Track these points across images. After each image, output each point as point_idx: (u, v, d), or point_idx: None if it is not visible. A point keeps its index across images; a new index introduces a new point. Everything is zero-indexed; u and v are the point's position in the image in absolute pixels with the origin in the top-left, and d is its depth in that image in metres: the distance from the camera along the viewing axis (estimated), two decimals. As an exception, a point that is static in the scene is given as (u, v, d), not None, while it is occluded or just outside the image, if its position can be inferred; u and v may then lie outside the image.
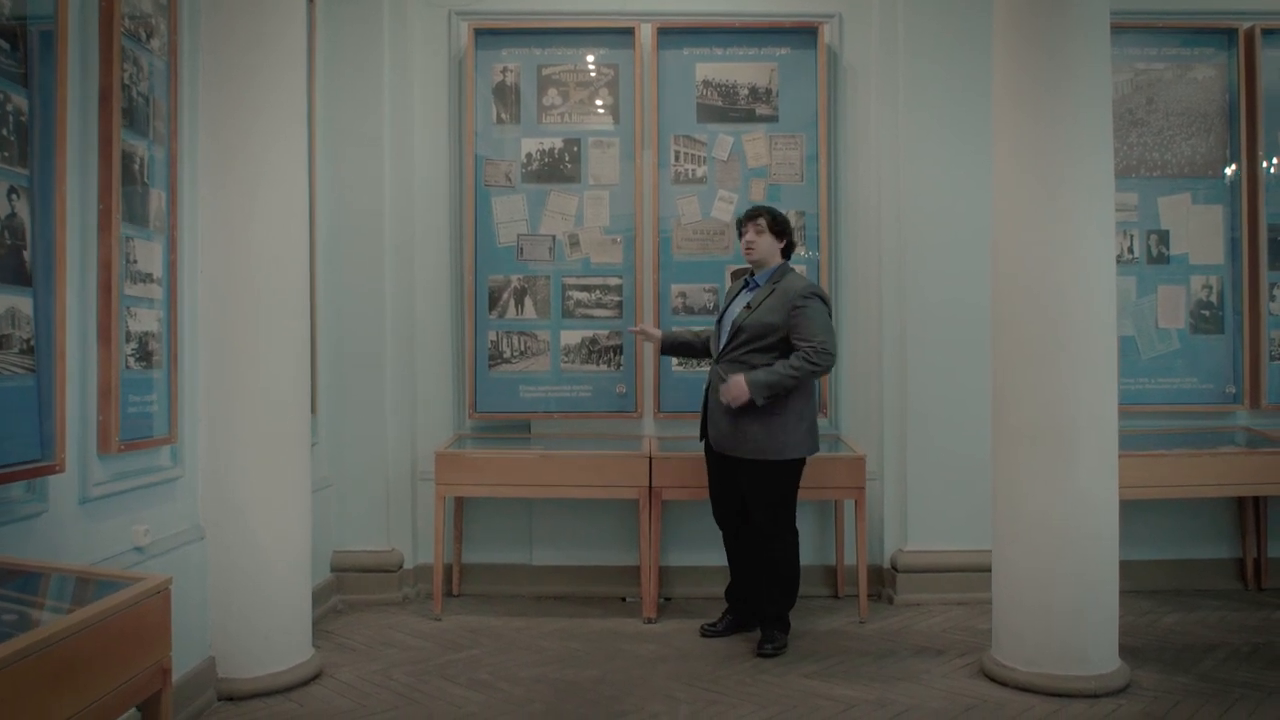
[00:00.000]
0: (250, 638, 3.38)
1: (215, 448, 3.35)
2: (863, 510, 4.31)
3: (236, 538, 3.36)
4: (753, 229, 3.87)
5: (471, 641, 4.00)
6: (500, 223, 4.77)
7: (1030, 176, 3.46)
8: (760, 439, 3.72)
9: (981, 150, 4.51)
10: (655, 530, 4.28)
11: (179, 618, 3.13)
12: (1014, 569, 3.53)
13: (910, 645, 3.96)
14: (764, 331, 3.76)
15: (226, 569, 3.36)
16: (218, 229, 3.33)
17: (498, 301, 4.77)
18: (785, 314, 3.74)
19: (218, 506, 3.35)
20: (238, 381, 3.35)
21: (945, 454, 4.60)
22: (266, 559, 3.41)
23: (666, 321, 4.77)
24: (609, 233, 4.77)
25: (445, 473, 4.29)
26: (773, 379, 3.66)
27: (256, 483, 3.38)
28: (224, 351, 3.35)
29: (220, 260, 3.34)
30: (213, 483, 3.35)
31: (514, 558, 4.76)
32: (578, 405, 4.76)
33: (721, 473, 3.95)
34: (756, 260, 3.90)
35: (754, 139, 4.78)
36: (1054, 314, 3.42)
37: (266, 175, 3.37)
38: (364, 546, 4.63)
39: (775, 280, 3.84)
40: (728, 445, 3.80)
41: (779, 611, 3.88)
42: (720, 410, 3.79)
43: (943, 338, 4.60)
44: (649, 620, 4.27)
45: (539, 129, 4.78)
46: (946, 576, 4.57)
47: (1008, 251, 3.55)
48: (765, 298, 3.81)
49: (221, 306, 3.35)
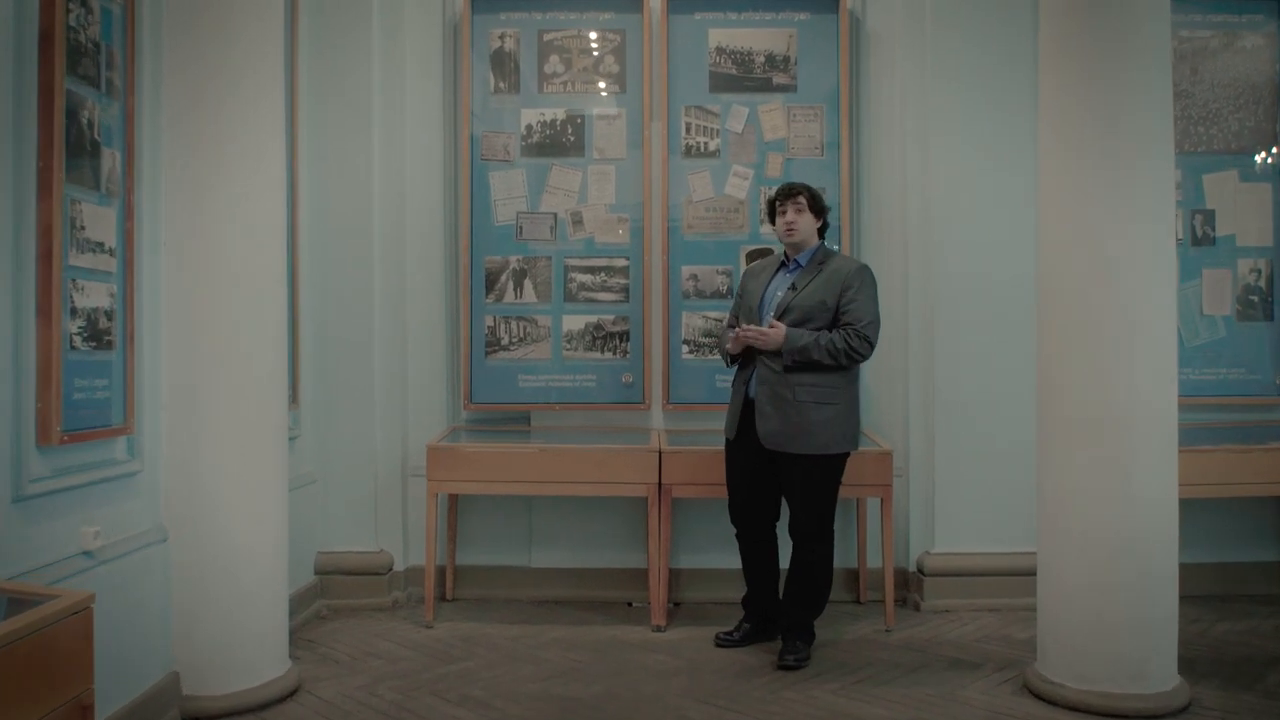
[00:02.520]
0: (219, 650, 3.05)
1: (180, 439, 3.02)
2: (889, 509, 3.98)
3: (204, 539, 3.03)
4: (793, 208, 3.59)
5: (465, 652, 3.67)
6: (498, 200, 4.44)
7: (1082, 148, 3.13)
8: (820, 432, 3.44)
9: (1015, 122, 4.27)
10: (665, 531, 3.95)
11: (138, 628, 2.85)
12: (1062, 575, 3.20)
13: (943, 657, 3.63)
14: (815, 311, 3.49)
15: (192, 574, 3.03)
16: (184, 196, 3.00)
17: (495, 284, 4.43)
18: (838, 293, 3.49)
19: (183, 504, 3.02)
20: (206, 367, 3.03)
21: (976, 448, 4.28)
22: (238, 562, 3.09)
23: (675, 306, 4.43)
24: (615, 211, 4.44)
25: (438, 468, 3.96)
26: (809, 344, 3.41)
27: (227, 478, 3.05)
28: (190, 333, 3.02)
29: (186, 231, 3.01)
30: (177, 478, 3.02)
31: (512, 559, 4.44)
32: (581, 396, 4.43)
33: (759, 473, 3.63)
34: (798, 242, 3.62)
35: (771, 110, 4.45)
36: (1110, 296, 3.09)
37: (241, 138, 3.04)
38: (350, 547, 4.30)
39: (820, 261, 3.60)
40: (783, 440, 3.47)
41: (805, 619, 3.58)
42: (773, 403, 3.47)
43: (974, 322, 4.28)
44: (658, 628, 3.94)
45: (540, 99, 4.45)
46: (977, 581, 4.24)
47: (1056, 229, 3.23)
48: (812, 278, 3.54)
49: (188, 283, 3.02)
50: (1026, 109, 4.25)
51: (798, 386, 3.43)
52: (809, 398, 3.44)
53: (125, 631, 2.76)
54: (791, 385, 3.44)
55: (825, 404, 3.45)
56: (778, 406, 3.46)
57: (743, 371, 3.64)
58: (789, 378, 3.44)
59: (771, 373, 3.47)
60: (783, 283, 3.63)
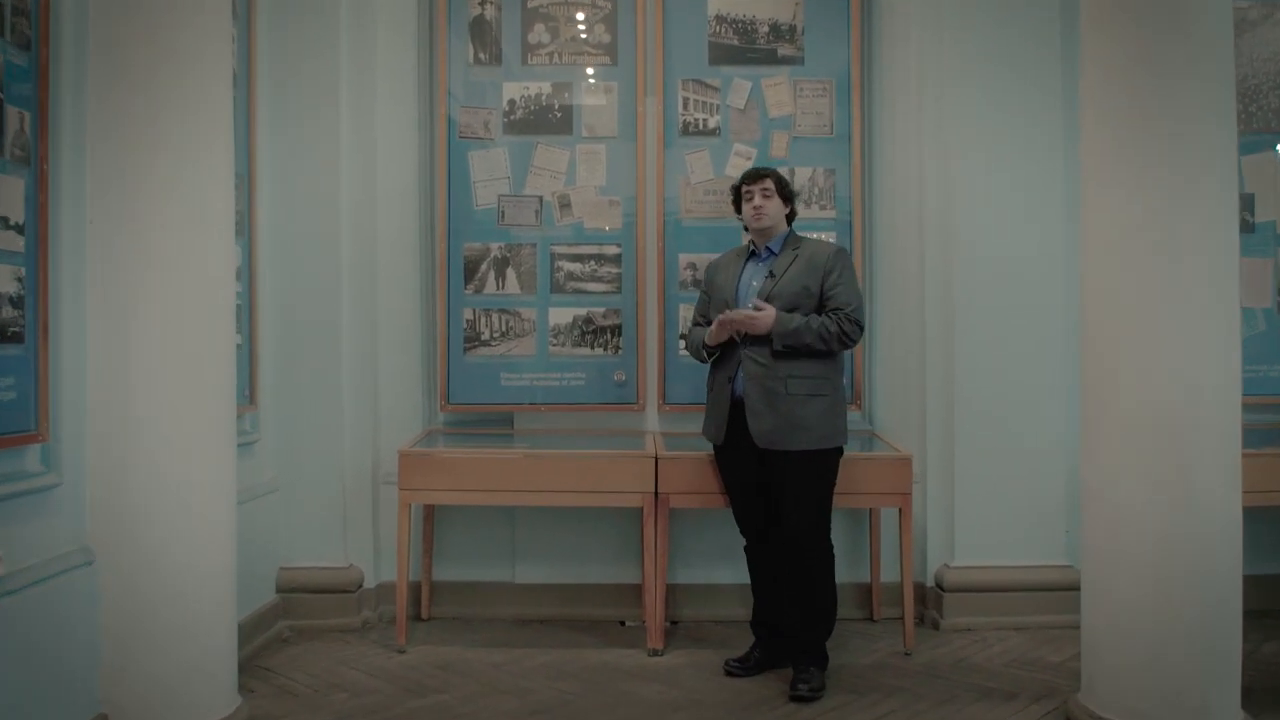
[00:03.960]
0: (155, 687, 2.67)
1: (109, 448, 2.63)
2: (909, 520, 3.62)
3: (138, 560, 2.65)
4: (760, 192, 3.36)
5: (441, 682, 3.30)
6: (478, 181, 4.06)
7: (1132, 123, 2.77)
8: (816, 426, 3.20)
9: (1042, 95, 3.92)
10: (663, 544, 3.58)
11: (58, 665, 2.45)
12: (1111, 595, 2.85)
13: (972, 685, 3.28)
14: (799, 298, 3.25)
15: (124, 600, 2.65)
16: (114, 166, 2.61)
17: (475, 274, 4.06)
18: (820, 277, 3.27)
19: (113, 522, 2.64)
20: (140, 363, 2.64)
21: (1000, 451, 3.92)
22: (179, 586, 2.70)
23: (672, 298, 4.07)
24: (605, 193, 4.07)
25: (411, 475, 3.58)
26: (800, 326, 3.19)
27: (165, 491, 2.67)
28: (121, 325, 2.64)
29: (117, 209, 2.63)
30: (105, 491, 2.64)
31: (494, 575, 4.06)
32: (569, 396, 4.05)
33: (749, 476, 3.33)
34: (767, 227, 3.38)
35: (776, 84, 4.08)
36: (1168, 284, 2.73)
37: (183, 102, 2.66)
38: (316, 563, 3.91)
39: (794, 246, 3.37)
40: (777, 439, 3.20)
41: (815, 641, 3.24)
42: (765, 399, 3.21)
43: (997, 315, 3.92)
44: (655, 652, 3.57)
45: (523, 71, 4.07)
46: (1001, 597, 3.89)
47: (1102, 211, 2.87)
48: (790, 264, 3.31)
49: (118, 267, 2.63)
50: (1053, 83, 3.94)
51: (789, 379, 3.19)
52: (801, 390, 3.20)
53: (42, 670, 2.39)
54: (782, 378, 3.19)
55: (817, 395, 3.22)
56: (770, 402, 3.20)
57: (722, 369, 3.34)
58: (778, 369, 3.19)
59: (758, 366, 3.21)
60: (757, 272, 3.38)
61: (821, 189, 4.06)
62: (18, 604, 2.28)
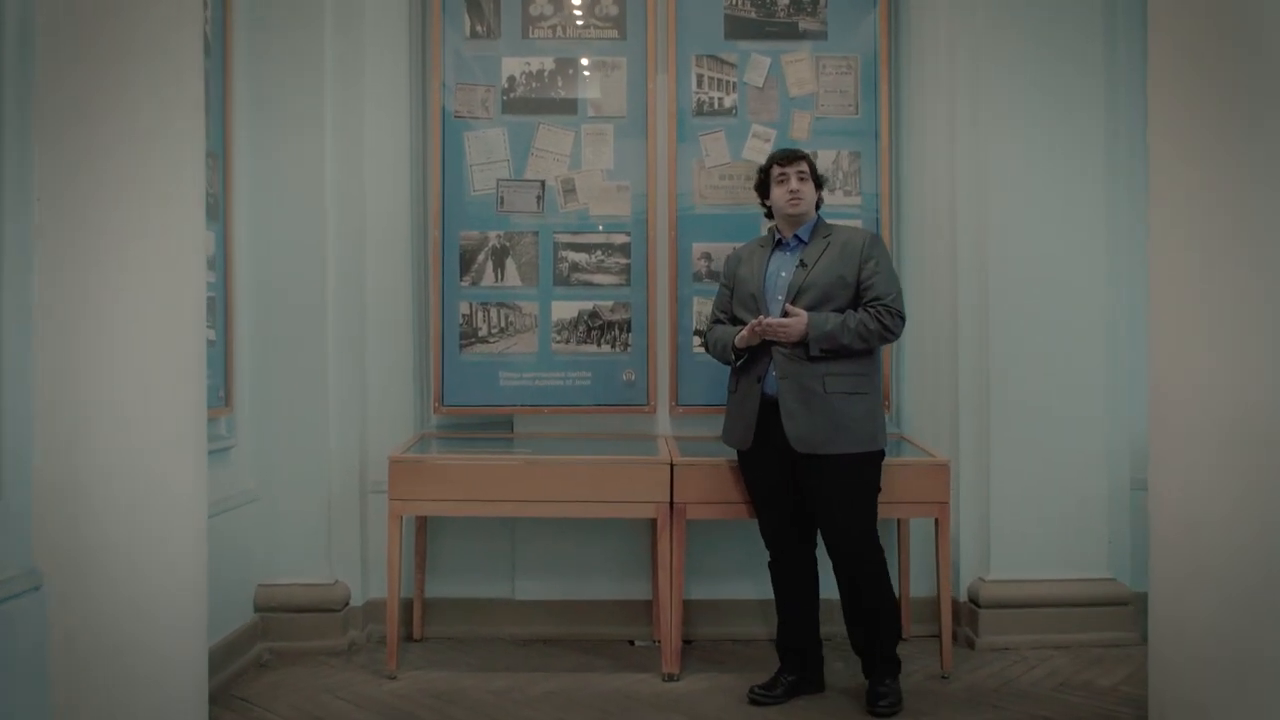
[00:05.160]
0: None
1: (57, 459, 2.30)
2: (945, 531, 3.33)
3: (92, 584, 2.32)
4: (796, 174, 3.09)
5: (436, 713, 2.99)
6: (475, 164, 3.75)
7: (1210, 92, 2.49)
8: (857, 428, 2.97)
9: (1086, 67, 3.63)
10: (678, 558, 3.28)
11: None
12: (1187, 620, 2.54)
13: (1023, 714, 2.98)
14: (834, 289, 3.00)
15: (77, 629, 2.32)
16: (55, 130, 2.29)
17: (471, 265, 3.74)
18: (857, 266, 3.02)
19: (63, 542, 2.30)
20: (94, 364, 2.32)
21: (1038, 456, 3.63)
22: (138, 612, 2.38)
23: (685, 291, 3.77)
24: (613, 178, 3.76)
25: (402, 484, 3.27)
26: (835, 329, 2.95)
27: (123, 506, 2.34)
28: (72, 320, 2.31)
29: (60, 178, 2.30)
30: (54, 509, 2.30)
31: (492, 591, 3.75)
32: (573, 397, 3.75)
33: (780, 484, 3.06)
34: (801, 213, 3.11)
35: (797, 61, 3.78)
36: (1252, 270, 2.43)
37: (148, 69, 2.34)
38: (299, 579, 3.59)
39: (824, 234, 3.11)
40: (816, 442, 2.94)
41: (888, 650, 3.06)
42: (801, 400, 2.94)
43: (1037, 311, 3.63)
44: (670, 677, 3.27)
45: (525, 45, 3.76)
46: (1041, 613, 3.60)
47: (1172, 188, 2.58)
48: (822, 252, 3.05)
49: (63, 248, 2.31)
50: (1096, 62, 3.65)
51: (827, 377, 2.94)
52: (841, 388, 2.95)
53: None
54: (820, 376, 2.93)
55: (858, 394, 2.99)
56: (806, 403, 2.93)
57: (751, 367, 3.05)
58: (816, 367, 2.94)
59: (793, 364, 2.95)
60: (786, 262, 3.11)
61: (846, 174, 3.77)
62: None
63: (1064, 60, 3.65)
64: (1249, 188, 2.44)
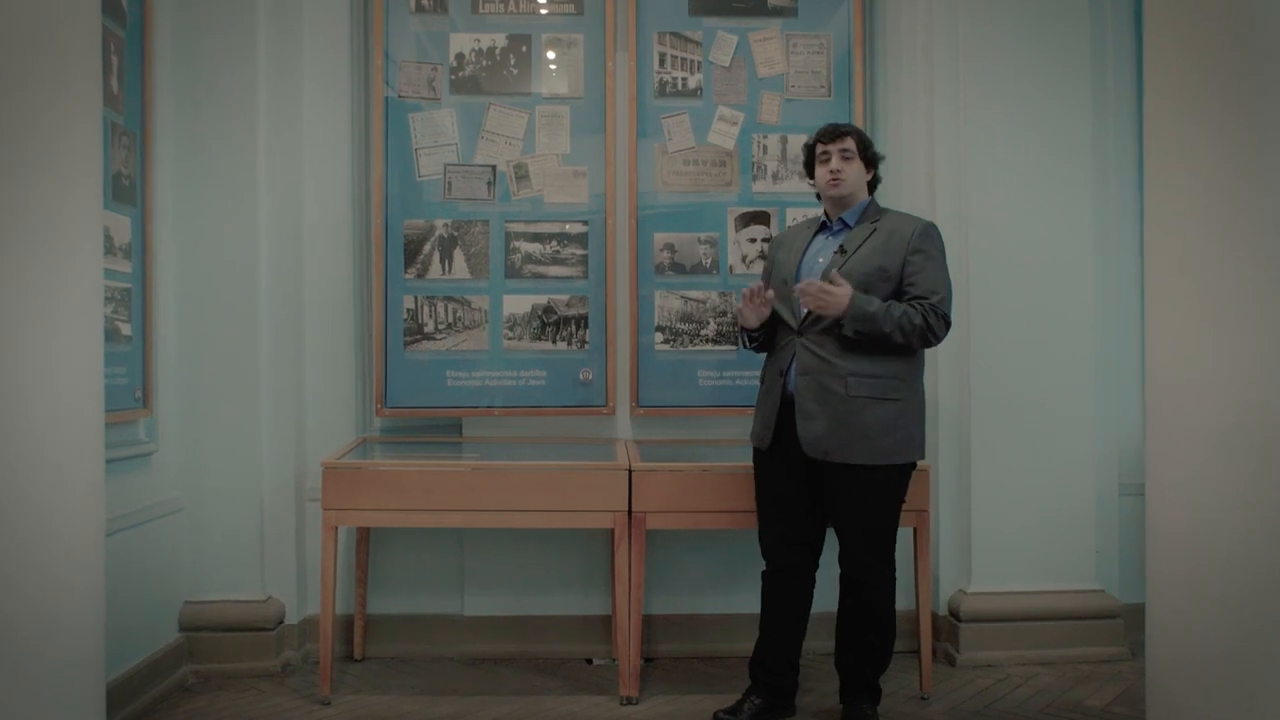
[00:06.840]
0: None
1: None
2: (925, 542, 3.11)
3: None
4: (838, 154, 2.82)
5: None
6: (421, 148, 3.49)
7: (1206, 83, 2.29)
8: (877, 436, 2.68)
9: (1071, 50, 3.44)
10: (638, 571, 3.03)
11: None
12: (1188, 635, 2.34)
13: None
14: (873, 279, 2.73)
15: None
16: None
17: (417, 256, 3.49)
18: (901, 257, 2.75)
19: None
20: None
21: (1021, 461, 3.42)
22: (26, 641, 2.10)
23: (646, 284, 3.53)
24: (569, 163, 3.52)
25: (338, 493, 3.00)
26: (878, 311, 2.64)
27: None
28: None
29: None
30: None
31: (439, 607, 3.50)
32: (526, 398, 3.50)
33: (792, 489, 2.81)
34: (844, 195, 2.84)
35: (766, 39, 3.56)
36: (1254, 264, 2.23)
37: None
38: (228, 595, 3.31)
39: (873, 219, 2.84)
40: (831, 446, 2.68)
41: (872, 678, 2.83)
42: (819, 399, 2.69)
43: (1019, 305, 3.43)
44: (629, 700, 3.02)
45: (474, 20, 3.51)
46: (1025, 627, 3.40)
47: (1168, 180, 2.38)
48: (866, 237, 2.77)
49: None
50: (1082, 45, 3.46)
51: (850, 377, 2.67)
52: (863, 391, 2.68)
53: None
54: (843, 375, 2.67)
55: (885, 400, 2.70)
56: (824, 403, 2.68)
57: (776, 360, 2.82)
58: (839, 365, 2.67)
59: (816, 359, 2.69)
60: (826, 246, 2.85)
61: (818, 160, 3.54)
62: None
63: (1049, 43, 3.46)
64: (1245, 182, 2.25)
